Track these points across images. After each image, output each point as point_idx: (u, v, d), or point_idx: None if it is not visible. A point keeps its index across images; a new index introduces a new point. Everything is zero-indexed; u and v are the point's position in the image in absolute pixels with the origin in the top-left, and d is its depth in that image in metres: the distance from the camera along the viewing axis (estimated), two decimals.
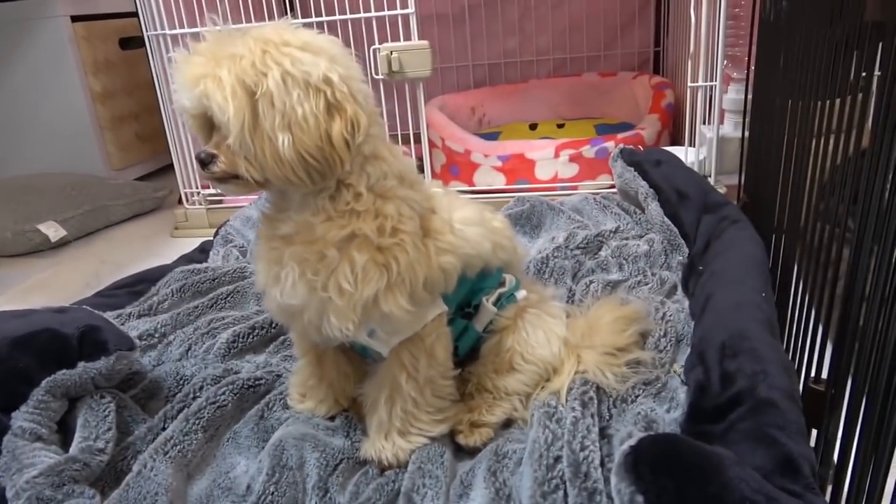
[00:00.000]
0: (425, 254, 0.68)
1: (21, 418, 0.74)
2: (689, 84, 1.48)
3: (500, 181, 1.77)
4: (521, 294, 0.81)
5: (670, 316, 0.93)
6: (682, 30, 1.94)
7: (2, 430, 0.73)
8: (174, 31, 1.63)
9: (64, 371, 0.79)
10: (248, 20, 1.66)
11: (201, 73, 0.60)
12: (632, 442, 0.53)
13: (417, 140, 1.70)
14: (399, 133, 1.66)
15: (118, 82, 2.24)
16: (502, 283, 0.80)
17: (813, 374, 0.74)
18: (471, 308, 0.78)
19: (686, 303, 1.02)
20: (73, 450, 0.72)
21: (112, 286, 1.24)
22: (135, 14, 1.64)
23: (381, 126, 0.68)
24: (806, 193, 0.86)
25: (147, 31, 1.62)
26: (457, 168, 1.82)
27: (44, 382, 0.77)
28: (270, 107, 0.60)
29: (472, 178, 1.79)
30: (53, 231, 1.70)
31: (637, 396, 0.79)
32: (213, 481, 0.73)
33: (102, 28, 2.18)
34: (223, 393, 0.84)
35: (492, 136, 2.03)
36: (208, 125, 0.65)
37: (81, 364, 0.80)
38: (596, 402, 0.75)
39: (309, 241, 0.66)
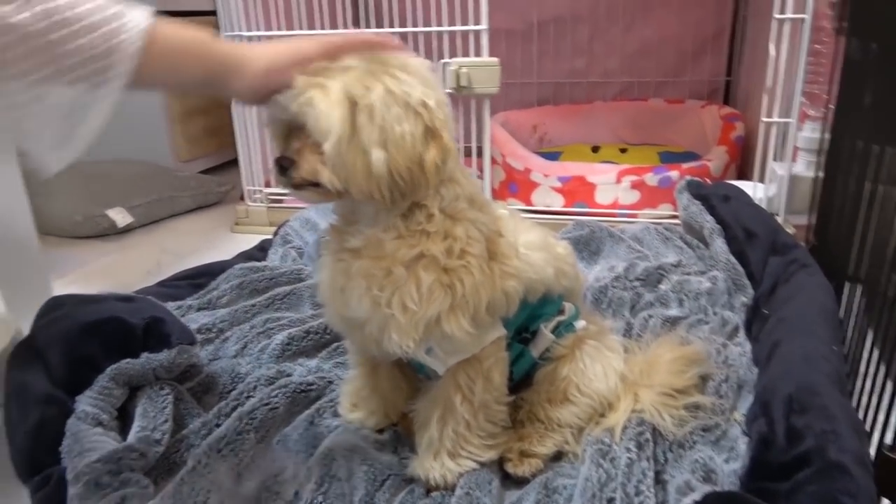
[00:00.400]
0: (490, 277, 0.68)
1: (85, 402, 0.77)
2: (763, 119, 1.45)
3: (558, 202, 1.76)
4: (580, 324, 0.80)
5: (733, 360, 0.90)
6: (757, 61, 1.89)
7: (67, 412, 0.76)
8: (250, 33, 1.66)
9: (128, 360, 0.82)
10: (322, 27, 1.69)
11: (307, 81, 0.61)
12: (696, 497, 0.51)
13: (476, 154, 1.70)
14: (461, 146, 1.66)
15: None
16: (561, 311, 0.79)
17: (888, 438, 0.71)
18: (528, 333, 0.78)
19: (748, 347, 0.99)
20: (131, 438, 0.74)
21: (174, 277, 1.28)
22: (213, 13, 1.68)
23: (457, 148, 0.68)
24: (885, 243, 0.83)
25: (224, 31, 1.66)
26: (515, 186, 1.81)
27: (108, 370, 0.80)
28: (370, 121, 0.60)
29: (529, 197, 1.78)
30: (121, 217, 1.75)
31: (695, 443, 0.76)
32: (262, 483, 0.74)
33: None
34: (276, 395, 0.85)
35: (552, 156, 2.02)
36: (288, 131, 0.66)
37: (145, 355, 0.83)
38: (652, 444, 0.73)
39: (377, 257, 0.66)
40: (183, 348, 0.86)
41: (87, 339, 0.82)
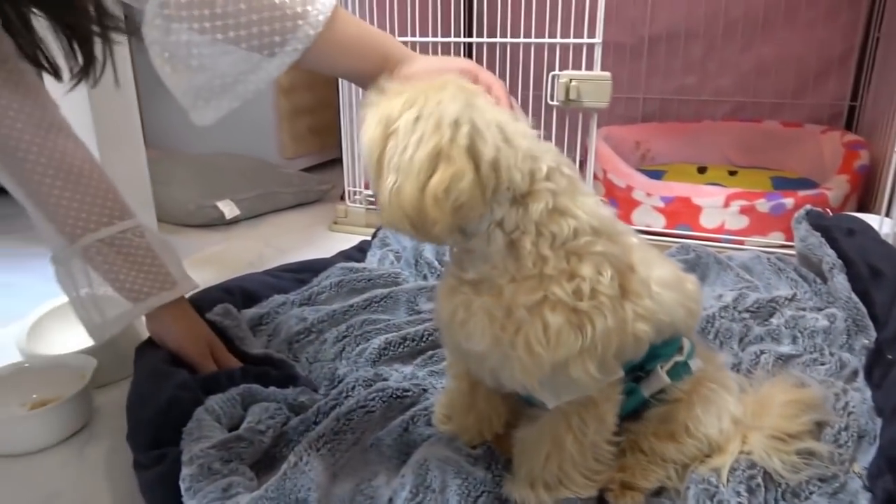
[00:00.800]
0: (622, 319, 0.62)
1: (213, 401, 0.82)
2: None
3: (659, 223, 1.70)
4: (696, 364, 0.75)
5: (853, 407, 0.84)
6: (888, 86, 1.77)
7: (198, 402, 0.82)
8: None
9: (258, 385, 0.88)
10: (434, 35, 1.70)
11: (368, 100, 0.61)
12: None
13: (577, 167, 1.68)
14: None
15: (301, 77, 2.39)
16: (680, 349, 0.75)
17: None
18: (643, 372, 0.74)
19: (868, 393, 0.92)
20: (240, 430, 0.78)
21: (279, 268, 1.32)
22: None
23: (566, 177, 0.61)
24: None
25: None
26: (615, 203, 1.77)
27: (241, 386, 0.87)
28: (394, 145, 0.56)
29: (630, 215, 1.73)
30: (229, 209, 1.83)
31: (811, 493, 0.71)
32: (356, 486, 0.75)
33: None
34: (373, 398, 0.86)
35: (655, 174, 1.96)
36: None
37: (272, 388, 0.89)
38: (763, 490, 0.69)
39: (496, 296, 0.62)
40: (305, 390, 0.92)
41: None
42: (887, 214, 1.41)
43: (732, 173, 2.06)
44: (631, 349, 0.65)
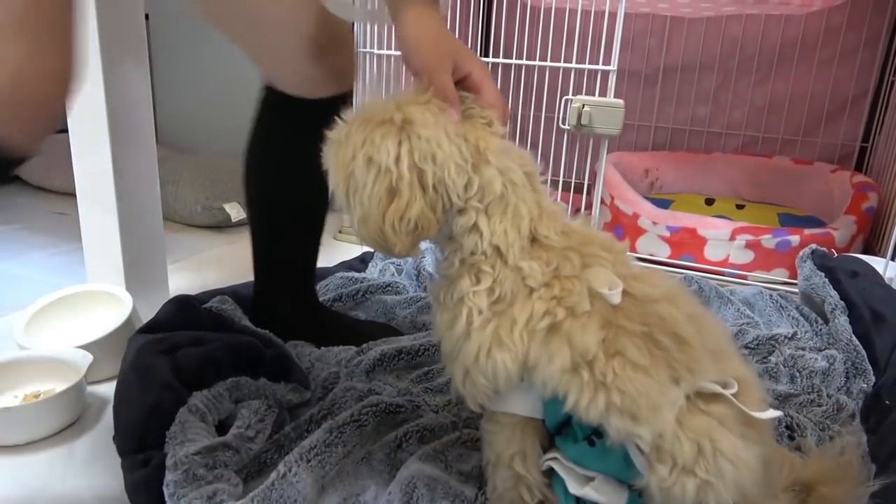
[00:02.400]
0: (480, 338, 0.66)
1: (198, 398, 0.81)
2: None
3: (664, 252, 1.70)
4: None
5: (850, 452, 0.83)
6: None
7: (181, 402, 0.80)
8: (381, 52, 1.72)
9: (247, 378, 0.87)
10: None
11: (332, 133, 0.67)
12: None
13: (580, 190, 1.67)
14: (572, 181, 1.64)
15: None
16: None
17: None
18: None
19: (864, 438, 0.91)
20: (227, 436, 0.77)
21: None
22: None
23: (512, 198, 0.65)
24: None
25: (358, 47, 1.72)
26: (621, 229, 1.77)
27: (228, 380, 0.85)
28: (354, 183, 0.65)
29: (635, 243, 1.73)
30: (235, 212, 1.84)
31: None
32: (344, 500, 0.74)
33: None
34: (366, 413, 0.86)
35: (662, 203, 1.96)
36: None
37: (263, 379, 0.88)
38: None
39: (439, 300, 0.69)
40: (297, 387, 0.91)
41: (224, 351, 0.88)
42: (893, 258, 1.41)
43: (740, 207, 2.06)
44: (491, 378, 0.64)
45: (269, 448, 0.81)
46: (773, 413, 0.62)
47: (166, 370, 0.82)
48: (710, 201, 2.11)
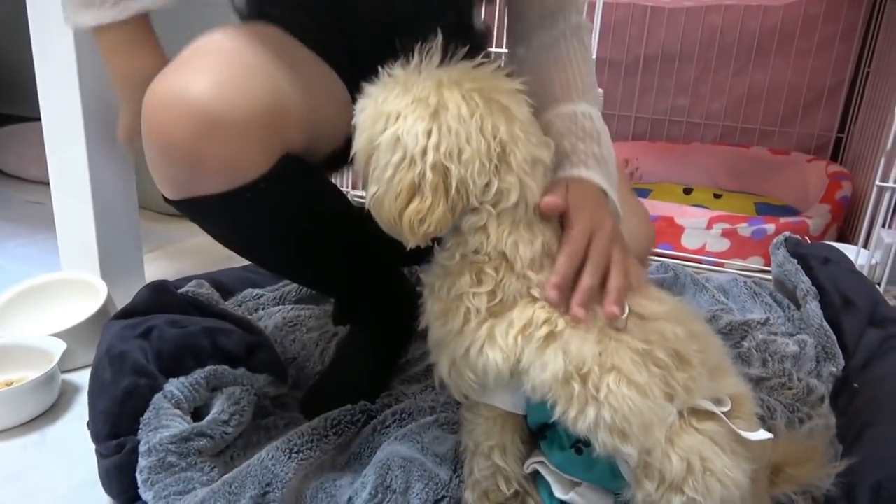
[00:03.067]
0: (474, 336, 0.65)
1: (174, 385, 0.80)
2: (877, 182, 1.36)
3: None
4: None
5: (818, 434, 0.84)
6: (874, 121, 1.80)
7: (156, 388, 0.79)
8: None
9: (226, 367, 0.85)
10: None
11: (371, 88, 0.64)
12: None
13: None
14: None
15: None
16: None
17: None
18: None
19: (833, 420, 0.93)
20: (202, 423, 0.77)
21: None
22: None
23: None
24: None
25: None
26: None
27: (207, 368, 0.83)
28: (377, 159, 0.62)
29: None
30: None
31: None
32: (321, 484, 0.75)
33: None
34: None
35: (641, 192, 1.98)
36: None
37: (242, 369, 0.86)
38: None
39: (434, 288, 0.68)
40: (275, 381, 0.90)
41: (203, 336, 0.86)
42: (864, 246, 1.43)
43: (717, 196, 2.08)
44: (480, 374, 0.63)
45: (250, 436, 0.81)
46: (764, 435, 0.63)
47: (140, 355, 0.81)
48: (688, 191, 2.13)
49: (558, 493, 0.67)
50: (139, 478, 0.70)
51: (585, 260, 0.64)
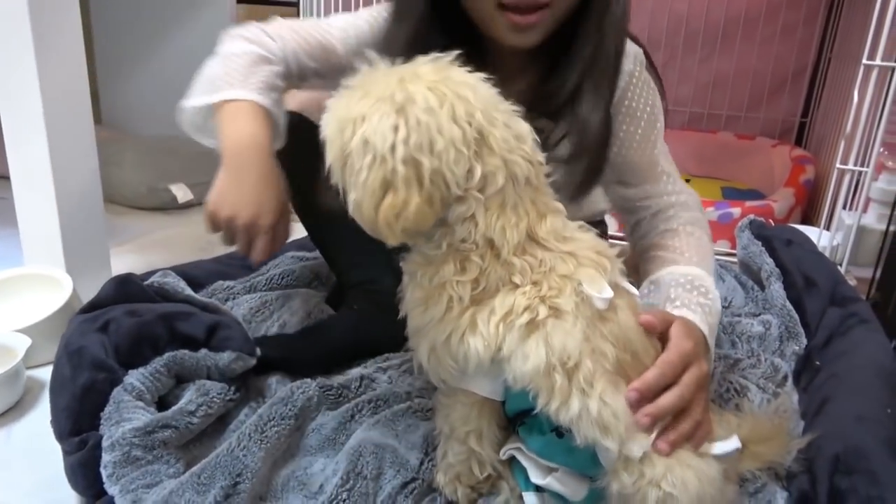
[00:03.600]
0: (457, 323, 0.65)
1: (134, 377, 0.79)
2: (838, 165, 1.40)
3: (611, 227, 1.73)
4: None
5: (784, 411, 0.87)
6: (835, 105, 1.84)
7: (116, 381, 0.78)
8: None
9: (186, 351, 0.83)
10: None
11: (336, 97, 0.64)
12: None
13: None
14: None
15: None
16: None
17: None
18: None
19: (795, 397, 0.95)
20: (166, 413, 0.76)
21: (228, 255, 1.30)
22: (295, 4, 1.72)
23: (511, 189, 0.61)
24: None
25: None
26: None
27: (166, 355, 0.82)
28: (351, 165, 0.61)
29: None
30: (182, 193, 1.80)
31: None
32: (293, 472, 0.75)
33: (264, 12, 2.29)
34: (317, 388, 0.86)
35: None
36: None
37: (204, 351, 0.85)
38: None
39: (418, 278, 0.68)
40: (241, 356, 0.87)
41: (157, 323, 0.85)
42: (827, 228, 1.46)
43: (686, 181, 2.10)
44: (461, 361, 0.64)
45: (220, 424, 0.81)
46: (734, 444, 0.66)
47: (99, 349, 0.79)
48: None
49: (535, 479, 0.68)
50: (104, 473, 0.69)
51: (673, 385, 0.64)
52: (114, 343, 0.81)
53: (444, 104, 0.59)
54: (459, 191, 0.60)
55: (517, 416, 0.70)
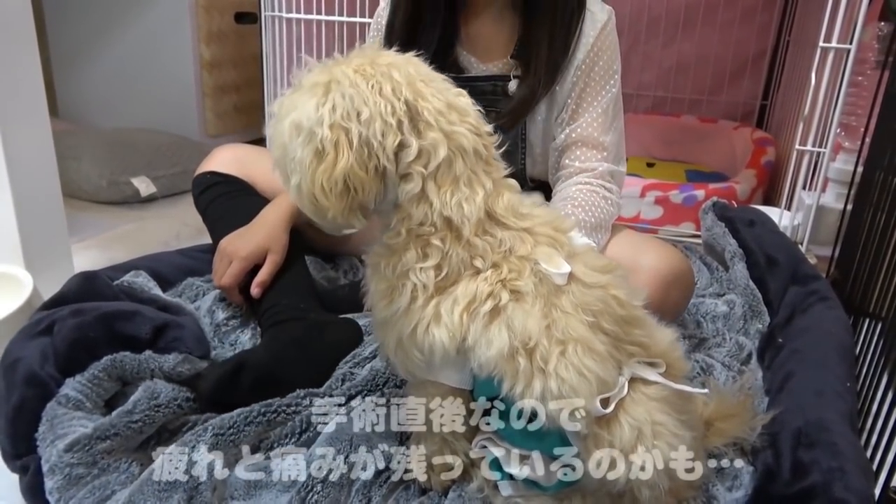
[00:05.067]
0: (421, 314, 0.65)
1: (70, 387, 0.75)
2: (797, 146, 1.43)
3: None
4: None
5: (749, 389, 0.89)
6: (794, 88, 1.87)
7: (49, 396, 0.74)
8: (289, 15, 1.67)
9: (127, 353, 0.79)
10: (361, 15, 1.68)
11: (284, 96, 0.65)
12: None
13: None
14: None
15: (227, 53, 2.31)
16: None
17: (894, 481, 0.70)
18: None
19: (759, 374, 0.98)
20: (105, 420, 0.72)
21: (195, 248, 1.28)
22: None
23: (455, 162, 0.61)
24: None
25: (265, 10, 1.66)
26: None
27: (104, 359, 0.78)
28: (289, 152, 0.62)
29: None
30: (144, 186, 1.77)
31: None
32: (262, 466, 0.74)
33: (222, 0, 2.26)
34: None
35: None
36: None
37: (147, 352, 0.81)
38: None
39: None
40: (189, 358, 0.84)
41: (96, 325, 0.80)
42: (787, 208, 1.50)
43: (650, 165, 2.13)
44: (426, 353, 0.64)
45: (179, 425, 0.79)
46: (700, 390, 0.68)
47: (36, 359, 0.75)
48: None
49: (508, 468, 0.69)
50: (51, 499, 0.67)
51: None
52: (54, 347, 0.77)
53: (369, 81, 0.61)
54: (394, 165, 0.61)
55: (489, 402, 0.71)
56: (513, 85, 1.00)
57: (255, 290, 0.99)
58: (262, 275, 0.99)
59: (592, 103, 1.01)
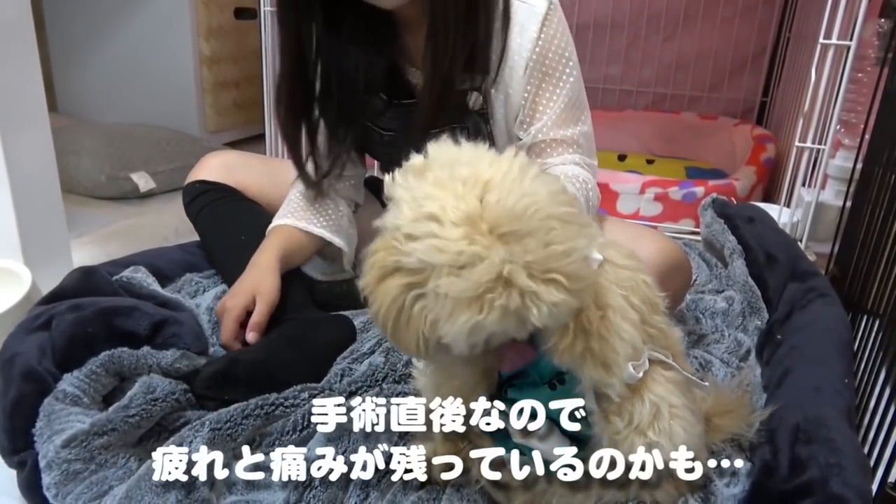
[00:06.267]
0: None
1: (67, 382, 0.75)
2: (797, 143, 1.42)
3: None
4: None
5: (747, 385, 0.89)
6: (794, 84, 1.87)
7: (46, 391, 0.73)
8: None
9: (125, 349, 0.79)
10: None
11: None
12: None
13: None
14: None
15: (226, 49, 2.31)
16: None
17: (891, 477, 0.70)
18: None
19: (758, 370, 0.98)
20: (102, 415, 0.72)
21: (194, 243, 1.28)
22: None
23: None
24: None
25: (264, 6, 1.66)
26: None
27: (102, 354, 0.78)
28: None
29: None
30: (144, 182, 1.77)
31: None
32: (259, 463, 0.74)
33: None
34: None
35: None
36: None
37: (146, 348, 0.81)
38: None
39: None
40: (187, 354, 0.83)
41: (94, 321, 0.80)
42: (787, 205, 1.50)
43: (650, 162, 2.13)
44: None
45: (178, 426, 0.78)
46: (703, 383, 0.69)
47: (32, 354, 0.75)
48: (622, 157, 2.17)
49: (517, 439, 0.67)
50: (48, 495, 0.67)
51: None
52: (52, 342, 0.77)
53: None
54: None
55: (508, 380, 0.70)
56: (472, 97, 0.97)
57: (249, 336, 0.92)
58: (254, 317, 0.92)
59: (552, 98, 0.98)
